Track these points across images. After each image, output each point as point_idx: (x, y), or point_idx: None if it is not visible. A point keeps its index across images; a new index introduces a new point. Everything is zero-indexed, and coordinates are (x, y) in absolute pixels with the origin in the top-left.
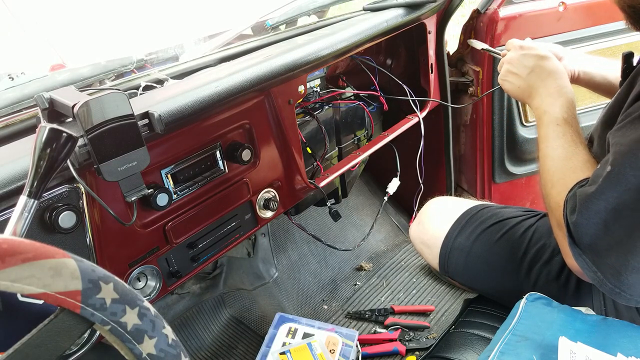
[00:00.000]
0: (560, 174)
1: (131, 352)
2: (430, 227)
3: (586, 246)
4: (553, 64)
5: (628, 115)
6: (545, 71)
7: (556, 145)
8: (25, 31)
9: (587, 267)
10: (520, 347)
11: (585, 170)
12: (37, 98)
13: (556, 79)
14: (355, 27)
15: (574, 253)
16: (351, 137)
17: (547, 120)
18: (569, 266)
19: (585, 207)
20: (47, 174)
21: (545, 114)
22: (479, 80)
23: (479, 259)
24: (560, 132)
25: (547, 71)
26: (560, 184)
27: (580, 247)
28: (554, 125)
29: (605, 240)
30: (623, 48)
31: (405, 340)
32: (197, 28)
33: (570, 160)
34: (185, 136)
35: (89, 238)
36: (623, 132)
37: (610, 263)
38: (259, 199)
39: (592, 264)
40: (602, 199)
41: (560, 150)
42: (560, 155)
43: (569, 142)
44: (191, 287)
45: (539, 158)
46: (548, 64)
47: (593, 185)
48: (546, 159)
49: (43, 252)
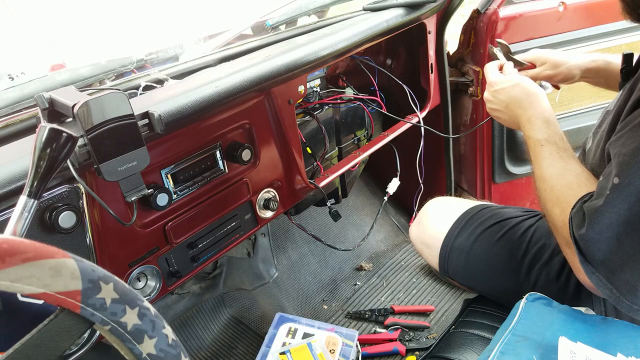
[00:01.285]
0: (558, 192)
1: (131, 352)
2: (430, 227)
3: (599, 263)
4: (524, 89)
5: (627, 123)
6: (517, 100)
7: (545, 164)
8: (25, 31)
9: (602, 285)
10: (520, 347)
11: (581, 185)
12: (37, 98)
13: (531, 103)
14: (355, 27)
15: (586, 271)
16: (351, 137)
17: (532, 144)
18: (582, 282)
19: (595, 221)
20: (47, 174)
21: (529, 139)
22: (478, 80)
23: (479, 259)
24: (546, 152)
25: (518, 100)
26: (560, 201)
27: (592, 264)
28: (538, 147)
29: (618, 255)
30: (623, 48)
31: (405, 340)
32: (197, 28)
33: (563, 177)
34: (185, 136)
35: (89, 238)
36: (623, 142)
37: (625, 279)
38: (259, 199)
39: (607, 281)
40: (613, 211)
41: (551, 169)
42: (552, 173)
43: (556, 159)
44: (191, 287)
45: (535, 181)
46: (518, 93)
47: (600, 199)
48: (540, 180)
49: (43, 252)
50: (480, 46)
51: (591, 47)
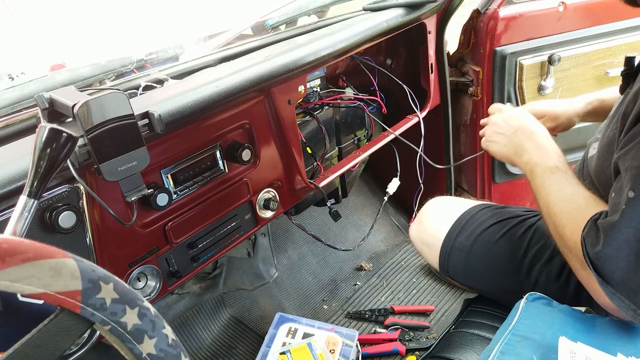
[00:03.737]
0: (568, 214)
1: (131, 352)
2: (431, 227)
3: (619, 282)
4: (535, 123)
5: (634, 136)
6: (528, 130)
7: (554, 190)
8: (25, 31)
9: (625, 306)
10: (520, 347)
11: (589, 206)
12: (37, 98)
13: (540, 136)
14: (355, 27)
15: (607, 292)
16: (351, 137)
17: (540, 171)
18: (602, 306)
19: (612, 237)
20: (47, 174)
21: (537, 166)
22: (479, 80)
23: (479, 258)
24: (556, 179)
25: (530, 130)
26: (570, 223)
27: (612, 285)
28: (548, 174)
29: (639, 273)
30: (623, 48)
31: (405, 340)
32: (197, 28)
33: (572, 200)
34: (185, 136)
35: (89, 238)
36: (633, 154)
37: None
38: (259, 199)
39: (630, 302)
40: (631, 226)
41: (560, 194)
42: (562, 197)
43: (566, 185)
44: (191, 287)
45: (540, 208)
46: (531, 124)
47: (615, 214)
48: (548, 206)
49: (43, 252)
50: (480, 46)
51: (591, 47)
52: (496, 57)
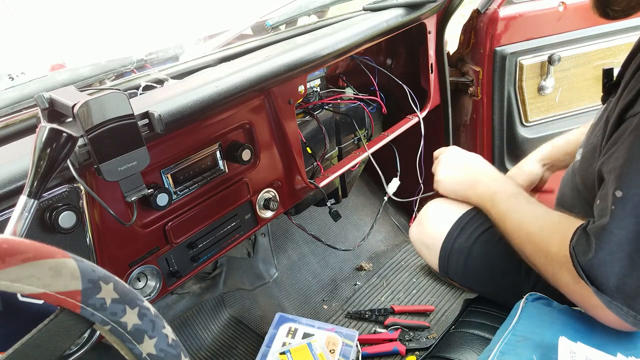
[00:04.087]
0: (550, 230)
1: (131, 352)
2: (430, 228)
3: (614, 289)
4: (478, 156)
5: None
6: (478, 162)
7: (526, 211)
8: (25, 31)
9: (623, 313)
10: (520, 347)
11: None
12: (37, 98)
13: (490, 168)
14: (355, 27)
15: (603, 301)
16: (351, 137)
17: (503, 197)
18: (601, 321)
19: (604, 240)
20: (47, 174)
21: (497, 194)
22: (479, 80)
23: (479, 260)
24: (523, 201)
25: (479, 162)
26: (555, 237)
27: (607, 293)
28: (512, 199)
29: (634, 277)
30: (623, 48)
31: (405, 340)
32: (197, 28)
33: (550, 217)
34: (185, 136)
35: (89, 238)
36: (616, 157)
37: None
38: (259, 199)
39: (628, 308)
40: (622, 227)
41: (534, 213)
42: (537, 216)
43: (536, 205)
44: (191, 287)
45: (509, 234)
46: (476, 157)
47: (605, 217)
48: (522, 227)
49: (43, 252)
50: (480, 46)
51: (591, 47)
52: (496, 57)
